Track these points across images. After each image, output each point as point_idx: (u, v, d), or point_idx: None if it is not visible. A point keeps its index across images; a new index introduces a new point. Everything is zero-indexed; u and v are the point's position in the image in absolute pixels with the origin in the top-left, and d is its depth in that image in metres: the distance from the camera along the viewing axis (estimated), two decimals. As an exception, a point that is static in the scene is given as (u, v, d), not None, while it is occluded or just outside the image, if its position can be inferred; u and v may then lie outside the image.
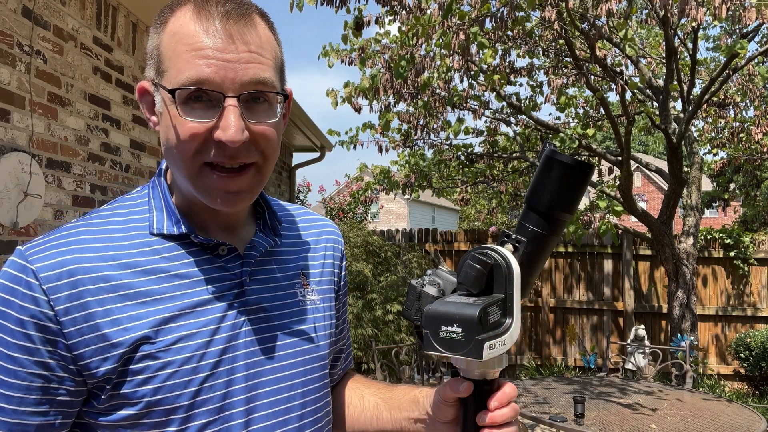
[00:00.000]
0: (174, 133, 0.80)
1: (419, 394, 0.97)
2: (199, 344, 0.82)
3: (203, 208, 0.87)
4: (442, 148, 7.72)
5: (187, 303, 0.83)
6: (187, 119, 0.79)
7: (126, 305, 0.80)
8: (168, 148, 0.83)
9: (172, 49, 0.80)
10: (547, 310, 7.91)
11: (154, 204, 0.89)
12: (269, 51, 0.83)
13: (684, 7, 3.84)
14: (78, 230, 0.83)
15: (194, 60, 0.78)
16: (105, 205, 0.91)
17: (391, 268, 6.97)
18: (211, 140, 0.79)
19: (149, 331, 0.80)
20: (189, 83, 0.78)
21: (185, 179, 0.83)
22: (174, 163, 0.84)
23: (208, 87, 0.78)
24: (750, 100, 6.96)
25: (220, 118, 0.79)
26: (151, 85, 0.85)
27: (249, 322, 0.87)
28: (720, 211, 9.07)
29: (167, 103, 0.81)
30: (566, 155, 0.75)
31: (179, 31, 0.80)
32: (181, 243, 0.87)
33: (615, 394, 4.08)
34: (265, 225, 0.96)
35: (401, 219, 29.30)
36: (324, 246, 1.06)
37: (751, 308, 7.30)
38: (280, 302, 0.93)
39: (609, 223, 5.50)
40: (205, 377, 0.82)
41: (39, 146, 2.76)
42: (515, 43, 5.97)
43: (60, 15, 2.92)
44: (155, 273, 0.83)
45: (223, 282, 0.87)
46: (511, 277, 0.74)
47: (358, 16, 5.27)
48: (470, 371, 0.77)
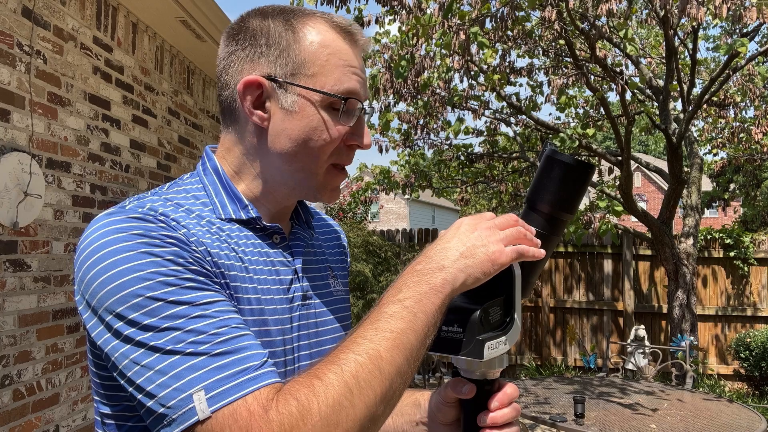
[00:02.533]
0: (320, 134, 0.88)
1: (420, 397, 0.98)
2: (274, 320, 0.86)
3: (275, 200, 0.93)
4: (442, 148, 7.72)
5: (265, 279, 0.87)
6: (339, 123, 0.88)
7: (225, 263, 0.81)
8: (302, 145, 0.88)
9: (324, 59, 0.88)
10: (547, 311, 7.91)
11: (213, 191, 0.91)
12: None
13: (684, 7, 3.84)
14: (161, 199, 0.84)
15: (350, 75, 0.89)
16: (165, 185, 0.92)
17: (391, 268, 6.97)
18: (341, 144, 0.90)
19: (238, 296, 0.82)
20: (348, 93, 0.88)
21: (310, 173, 0.90)
22: (302, 159, 0.89)
23: (359, 98, 0.90)
24: (750, 100, 6.96)
25: (357, 125, 0.90)
26: (268, 81, 0.88)
27: (302, 307, 0.92)
28: (720, 211, 9.08)
29: (315, 104, 0.87)
30: (567, 155, 0.75)
31: (330, 45, 0.89)
32: (246, 227, 0.90)
33: (615, 394, 4.08)
34: (299, 218, 1.02)
35: (401, 219, 29.30)
36: (336, 243, 1.13)
37: (751, 308, 7.30)
38: (320, 291, 0.98)
39: (609, 223, 5.50)
40: (275, 353, 0.85)
41: (39, 146, 2.76)
42: (515, 43, 5.96)
43: (60, 15, 2.92)
44: (233, 249, 0.85)
45: (286, 267, 0.92)
46: (512, 277, 0.74)
47: (358, 15, 5.27)
48: (471, 371, 0.77)
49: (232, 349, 0.68)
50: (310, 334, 0.93)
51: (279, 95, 0.88)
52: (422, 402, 0.96)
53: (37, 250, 2.76)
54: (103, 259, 0.72)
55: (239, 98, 0.89)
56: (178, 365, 0.66)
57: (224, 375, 0.66)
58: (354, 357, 0.66)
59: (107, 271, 0.71)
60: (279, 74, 0.88)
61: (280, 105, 0.88)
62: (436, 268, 0.74)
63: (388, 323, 0.69)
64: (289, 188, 0.92)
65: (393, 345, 0.68)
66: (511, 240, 0.76)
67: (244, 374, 0.67)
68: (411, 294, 0.71)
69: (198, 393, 0.65)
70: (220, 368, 0.66)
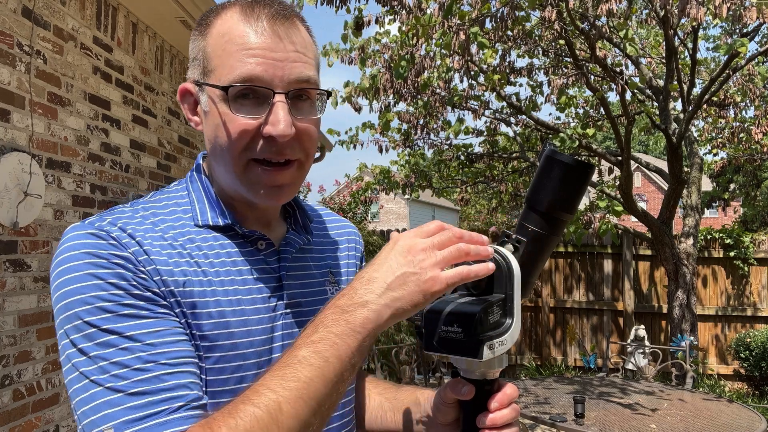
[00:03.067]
0: (224, 130, 0.83)
1: (420, 396, 0.97)
2: (244, 332, 0.83)
3: (243, 203, 0.90)
4: (442, 148, 7.72)
5: (237, 289, 0.84)
6: (237, 116, 0.81)
7: (188, 279, 0.80)
8: (216, 145, 0.85)
9: (221, 49, 0.83)
10: (547, 311, 7.91)
11: (195, 197, 0.90)
12: (311, 50, 0.87)
13: (684, 7, 3.84)
14: (133, 213, 0.84)
15: (245, 58, 0.81)
16: (147, 195, 0.93)
17: (391, 268, 6.96)
18: (259, 136, 0.82)
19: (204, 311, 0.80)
20: (240, 80, 0.81)
21: (231, 174, 0.85)
22: (221, 159, 0.85)
23: (259, 84, 0.81)
24: (750, 100, 6.96)
25: (269, 113, 0.82)
26: (194, 86, 0.88)
27: (285, 316, 0.89)
28: (720, 211, 9.07)
29: (216, 101, 0.84)
30: (566, 155, 0.75)
31: (228, 32, 0.83)
32: (226, 235, 0.88)
33: (615, 394, 4.08)
34: (296, 223, 0.99)
35: (401, 219, 29.30)
36: (347, 246, 1.08)
37: (751, 308, 7.30)
38: (313, 298, 0.94)
39: (609, 223, 5.50)
40: (236, 366, 0.82)
41: (39, 146, 2.76)
42: (515, 43, 5.96)
43: (60, 15, 2.92)
44: (206, 258, 0.84)
45: (265, 275, 0.89)
46: (512, 277, 0.74)
47: (358, 15, 5.26)
48: (470, 371, 0.77)
49: (151, 389, 0.68)
50: (288, 336, 0.89)
51: (201, 98, 0.87)
52: (422, 401, 0.96)
53: (37, 250, 2.76)
54: (57, 277, 0.74)
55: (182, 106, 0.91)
56: (97, 398, 0.68)
57: (135, 416, 0.66)
58: (252, 410, 0.64)
59: (59, 289, 0.74)
60: (198, 77, 0.87)
61: (202, 108, 0.88)
62: (358, 303, 0.69)
63: (295, 371, 0.66)
64: (235, 192, 0.88)
65: (297, 396, 0.65)
66: (450, 260, 0.71)
67: (155, 417, 0.67)
68: (326, 335, 0.68)
69: (108, 431, 0.66)
70: (133, 408, 0.67)
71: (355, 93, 6.07)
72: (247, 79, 0.81)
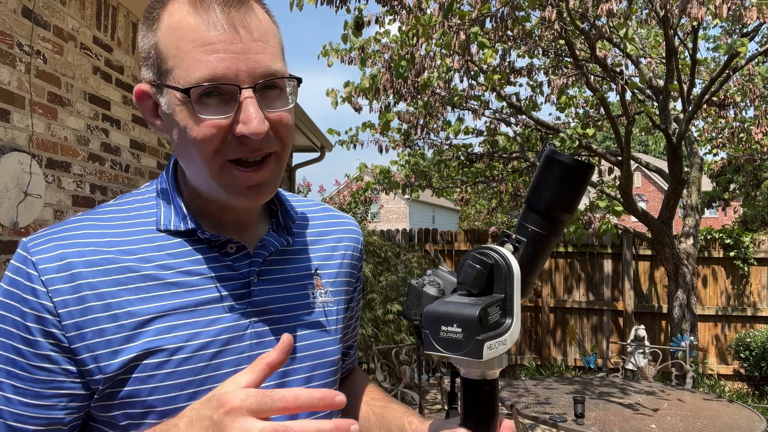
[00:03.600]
0: (192, 134, 0.77)
1: (408, 426, 0.94)
2: (199, 344, 0.80)
3: (217, 204, 0.85)
4: (442, 148, 7.72)
5: (189, 301, 0.81)
6: (204, 117, 0.76)
7: (126, 299, 0.78)
8: (184, 150, 0.80)
9: (174, 47, 0.77)
10: (547, 311, 7.91)
11: (163, 200, 0.87)
12: (272, 36, 0.81)
13: (684, 7, 3.84)
14: (82, 223, 0.82)
15: (203, 57, 0.75)
16: (113, 199, 0.90)
17: (391, 268, 6.97)
18: (230, 136, 0.77)
19: (148, 329, 0.78)
20: (203, 81, 0.75)
21: (206, 179, 0.81)
22: (192, 163, 0.81)
23: (223, 82, 0.75)
24: (750, 100, 6.96)
25: (239, 111, 0.76)
26: (151, 87, 0.82)
27: (255, 324, 0.85)
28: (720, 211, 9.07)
29: (178, 103, 0.78)
30: (566, 155, 0.75)
31: (179, 27, 0.77)
32: (188, 240, 0.84)
33: (615, 395, 4.08)
34: (278, 223, 0.93)
35: (401, 219, 29.31)
36: (345, 245, 1.03)
37: (751, 308, 7.30)
38: (289, 303, 0.89)
39: (609, 223, 5.50)
40: (203, 379, 0.80)
41: (39, 146, 2.76)
42: (515, 43, 5.96)
43: (60, 15, 2.92)
44: (160, 269, 0.81)
45: (229, 281, 0.84)
46: (511, 277, 0.74)
47: (358, 15, 5.27)
48: (470, 371, 0.77)
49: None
50: (258, 345, 0.85)
51: (160, 100, 0.81)
52: (409, 431, 0.92)
53: (37, 250, 2.76)
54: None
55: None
56: None
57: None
58: None
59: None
60: (154, 77, 0.81)
61: (163, 109, 0.81)
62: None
63: None
64: (210, 195, 0.84)
65: None
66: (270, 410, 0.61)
67: None
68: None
69: None
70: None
71: (355, 93, 6.07)
72: (210, 79, 0.74)
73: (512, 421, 0.79)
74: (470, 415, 0.78)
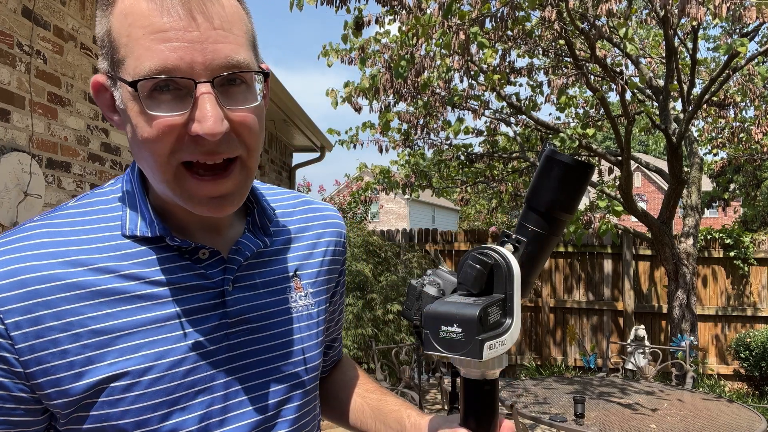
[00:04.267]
0: (141, 133, 0.69)
1: (406, 420, 0.92)
2: (170, 363, 0.74)
3: (182, 209, 0.77)
4: (442, 148, 7.72)
5: (158, 316, 0.74)
6: (154, 114, 0.68)
7: (88, 317, 0.71)
8: (137, 149, 0.72)
9: (126, 35, 0.68)
10: (547, 311, 7.91)
11: (128, 201, 0.78)
12: (238, 24, 0.71)
13: (684, 6, 3.84)
14: (37, 231, 0.73)
15: (154, 45, 0.66)
16: (74, 199, 0.81)
17: (391, 268, 6.97)
18: (186, 136, 0.69)
19: (114, 348, 0.71)
20: (152, 73, 0.66)
21: (162, 184, 0.72)
22: (147, 165, 0.72)
23: (176, 74, 0.66)
24: (750, 100, 6.97)
25: (194, 108, 0.67)
26: (107, 79, 0.74)
27: (230, 336, 0.79)
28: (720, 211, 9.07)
29: (129, 98, 0.69)
30: (566, 155, 0.75)
31: (130, 12, 0.68)
32: (156, 247, 0.77)
33: (615, 394, 4.08)
34: (254, 224, 0.86)
35: (401, 219, 29.31)
36: (327, 240, 0.96)
37: (751, 308, 7.30)
38: (267, 311, 0.83)
39: (609, 223, 5.50)
40: (176, 399, 0.74)
41: (39, 146, 2.76)
42: (515, 43, 5.97)
43: (60, 15, 2.92)
44: (125, 280, 0.74)
45: (201, 291, 0.78)
46: (511, 277, 0.74)
47: (358, 15, 5.27)
48: (470, 371, 0.77)
49: None
50: (246, 365, 0.80)
51: (115, 93, 0.73)
52: (408, 427, 0.91)
53: (37, 250, 2.76)
54: None
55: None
56: None
57: None
58: None
59: None
60: (107, 68, 0.73)
61: (118, 104, 0.73)
62: None
63: None
64: (173, 200, 0.75)
65: None
66: None
67: None
68: None
69: None
70: None
71: (355, 93, 6.07)
72: (161, 71, 0.66)
73: (512, 422, 0.79)
74: (470, 415, 0.78)
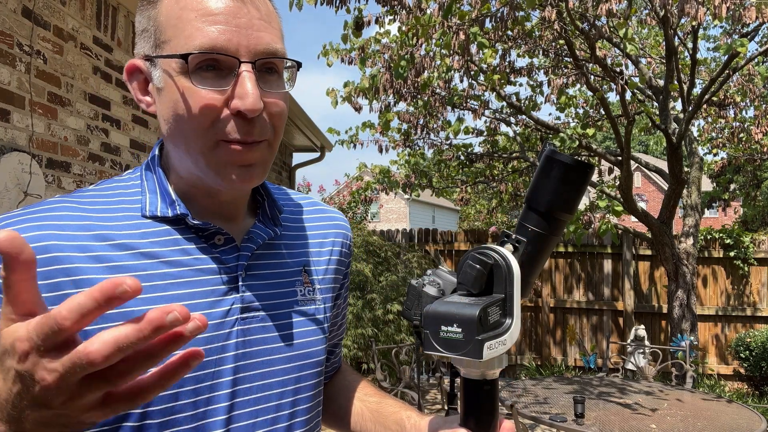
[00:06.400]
0: (185, 107, 0.74)
1: (406, 421, 0.93)
2: None
3: (203, 192, 0.81)
4: (442, 148, 7.72)
5: (173, 294, 0.76)
6: (200, 88, 0.73)
7: None
8: (175, 125, 0.76)
9: (176, 17, 0.74)
10: (547, 311, 7.91)
11: (148, 186, 0.82)
12: (276, 22, 0.80)
13: (684, 6, 3.84)
14: (62, 205, 0.76)
15: (205, 26, 0.72)
16: (93, 185, 0.85)
17: (391, 268, 6.98)
18: (225, 112, 0.74)
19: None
20: (203, 49, 0.72)
21: (197, 157, 0.76)
22: (183, 139, 0.76)
23: (223, 53, 0.72)
24: (750, 100, 6.97)
25: (235, 85, 0.73)
26: (144, 61, 0.79)
27: (242, 321, 0.81)
28: (720, 211, 9.07)
29: (173, 74, 0.74)
30: (566, 155, 0.75)
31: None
32: (176, 228, 0.80)
33: (615, 394, 4.08)
34: (264, 214, 0.89)
35: (401, 219, 29.31)
36: (333, 241, 0.99)
37: (751, 308, 7.30)
38: (276, 301, 0.86)
39: (609, 223, 5.50)
40: (187, 379, 0.75)
41: (39, 146, 2.76)
42: (515, 43, 5.97)
43: (60, 15, 2.92)
44: (143, 257, 0.76)
45: (216, 275, 0.80)
46: (511, 277, 0.74)
47: (358, 15, 5.27)
48: (470, 371, 0.77)
49: None
50: (254, 352, 0.81)
51: (153, 73, 0.78)
52: (407, 426, 0.92)
53: (37, 250, 2.76)
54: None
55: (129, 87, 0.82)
56: None
57: None
58: None
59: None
60: (149, 51, 0.78)
61: (155, 84, 0.78)
62: None
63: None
64: (195, 176, 0.79)
65: None
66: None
67: None
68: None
69: None
70: None
71: (354, 93, 6.07)
72: (210, 48, 0.72)
73: (512, 422, 0.79)
74: (470, 415, 0.78)
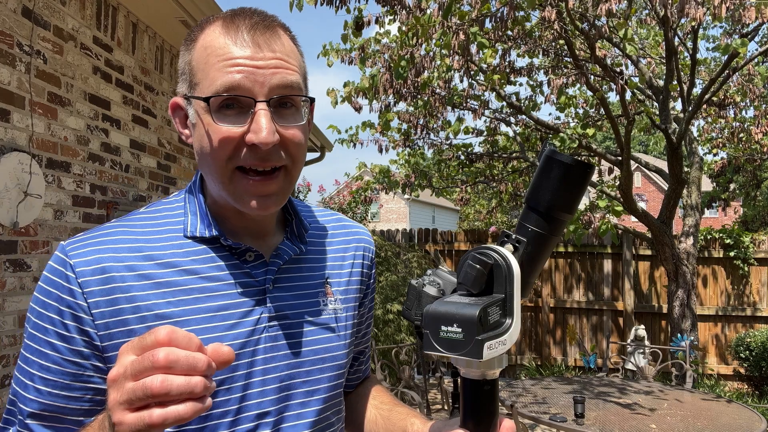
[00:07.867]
0: (208, 140, 0.85)
1: (410, 428, 0.98)
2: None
3: (234, 213, 0.92)
4: (442, 148, 7.72)
5: (211, 306, 0.87)
6: (220, 125, 0.83)
7: (153, 303, 0.84)
8: (202, 156, 0.88)
9: (204, 62, 0.86)
10: (547, 310, 7.91)
11: (189, 208, 0.93)
12: (294, 59, 0.89)
13: (683, 7, 3.84)
14: (115, 230, 0.89)
15: (225, 69, 0.83)
16: (144, 207, 0.97)
17: (391, 268, 6.97)
18: (243, 145, 0.84)
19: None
20: (222, 90, 0.83)
21: (218, 184, 0.87)
22: (208, 169, 0.88)
23: (240, 93, 0.83)
24: (750, 100, 6.96)
25: (251, 122, 0.83)
26: (183, 100, 0.91)
27: (269, 329, 0.90)
28: (720, 211, 9.07)
29: (201, 113, 0.86)
30: (566, 155, 0.75)
31: (210, 45, 0.86)
32: (212, 247, 0.91)
33: (615, 394, 4.08)
34: (292, 232, 0.99)
35: (401, 219, 29.30)
36: (353, 254, 1.08)
37: (751, 308, 7.30)
38: (302, 310, 0.95)
39: (609, 223, 5.50)
40: (221, 380, 0.84)
41: (39, 146, 2.76)
42: (515, 43, 5.96)
43: (60, 15, 2.92)
44: (185, 274, 0.87)
45: (247, 288, 0.90)
46: (511, 277, 0.74)
47: (358, 15, 5.26)
48: (470, 371, 0.77)
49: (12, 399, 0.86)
50: (277, 357, 0.91)
51: (189, 111, 0.90)
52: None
53: (37, 250, 2.76)
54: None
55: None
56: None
57: None
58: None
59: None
60: (185, 90, 0.90)
61: (190, 120, 0.90)
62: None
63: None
64: (224, 200, 0.90)
65: None
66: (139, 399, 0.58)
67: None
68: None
69: None
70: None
71: (354, 93, 6.07)
72: (228, 89, 0.83)
73: (512, 421, 0.79)
74: (470, 416, 0.78)
